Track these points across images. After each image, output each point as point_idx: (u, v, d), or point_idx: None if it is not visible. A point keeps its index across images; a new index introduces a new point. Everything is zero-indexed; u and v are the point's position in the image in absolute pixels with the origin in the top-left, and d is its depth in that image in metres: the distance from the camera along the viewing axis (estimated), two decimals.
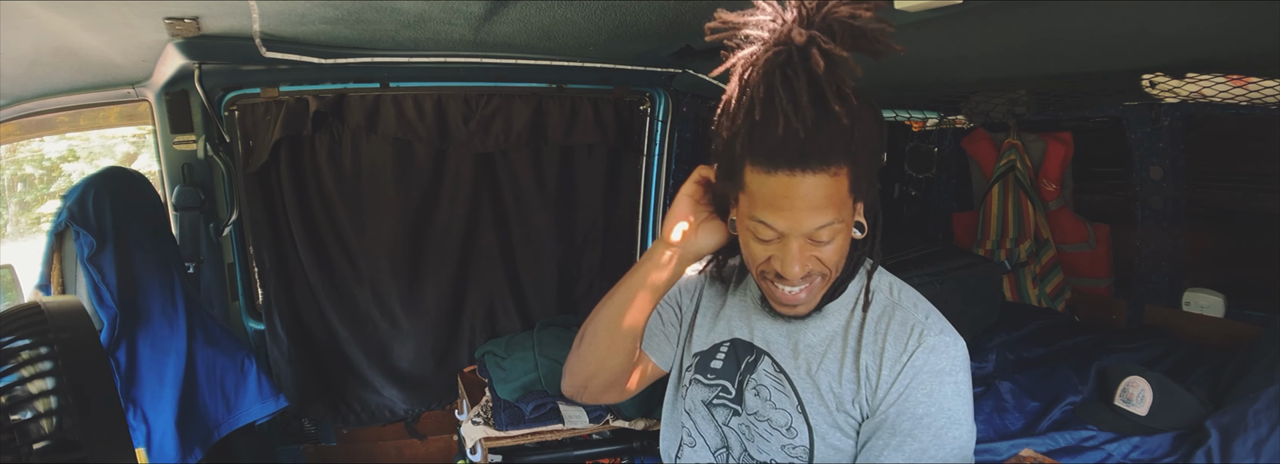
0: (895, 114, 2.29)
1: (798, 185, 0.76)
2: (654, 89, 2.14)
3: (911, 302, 0.93)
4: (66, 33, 1.20)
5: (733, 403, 0.99)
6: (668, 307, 1.08)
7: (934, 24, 1.00)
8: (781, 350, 0.95)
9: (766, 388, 0.95)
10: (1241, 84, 1.24)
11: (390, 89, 1.89)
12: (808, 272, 0.83)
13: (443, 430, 2.28)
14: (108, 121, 1.88)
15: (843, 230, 0.82)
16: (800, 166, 0.75)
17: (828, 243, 0.82)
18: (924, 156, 2.61)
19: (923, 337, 0.87)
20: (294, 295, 2.02)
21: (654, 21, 1.28)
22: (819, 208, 0.78)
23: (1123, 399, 1.41)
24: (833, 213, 0.79)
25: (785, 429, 0.93)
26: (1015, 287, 2.28)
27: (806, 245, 0.82)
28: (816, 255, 0.82)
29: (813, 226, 0.80)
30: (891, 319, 0.90)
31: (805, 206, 0.78)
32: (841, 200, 0.79)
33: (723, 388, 1.00)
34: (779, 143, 0.74)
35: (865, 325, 0.90)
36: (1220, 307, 1.79)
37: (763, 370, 0.96)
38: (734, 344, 1.01)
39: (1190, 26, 0.98)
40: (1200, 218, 1.88)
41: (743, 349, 0.99)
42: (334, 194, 1.98)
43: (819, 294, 0.88)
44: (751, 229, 0.83)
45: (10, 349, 0.65)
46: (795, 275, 0.82)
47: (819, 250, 0.82)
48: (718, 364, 1.01)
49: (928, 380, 0.85)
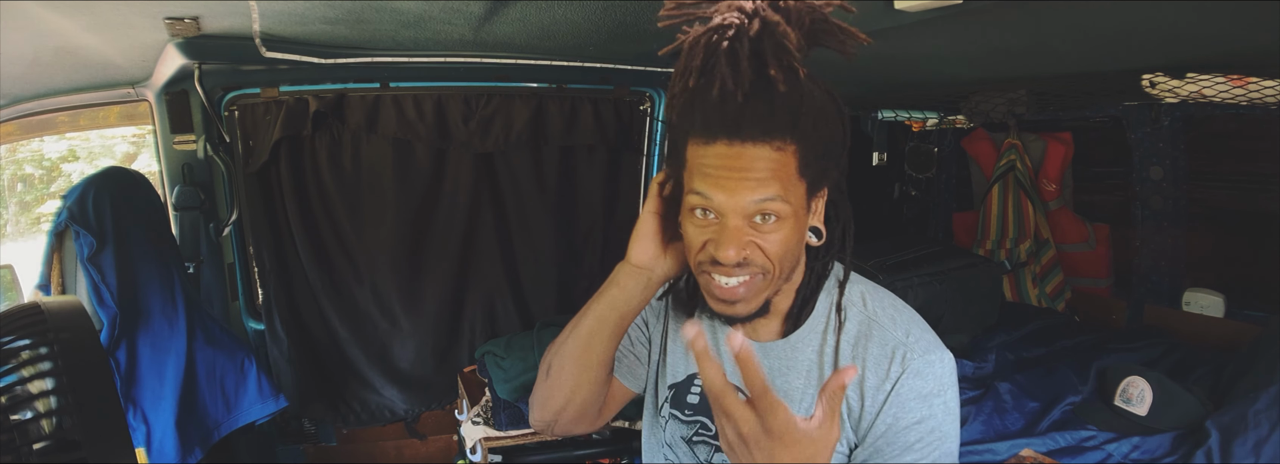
0: (895, 114, 2.29)
1: (736, 156, 0.71)
2: (654, 89, 2.14)
3: (888, 316, 0.84)
4: (66, 33, 1.20)
5: (713, 440, 0.92)
6: (635, 326, 1.00)
7: (934, 24, 1.00)
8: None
9: None
10: (1241, 84, 1.24)
11: (390, 89, 1.89)
12: (744, 258, 0.74)
13: (443, 430, 2.28)
14: (108, 121, 1.88)
15: (790, 219, 0.74)
16: (737, 135, 0.70)
17: (771, 232, 0.74)
18: (924, 156, 2.61)
19: (906, 360, 0.80)
20: (294, 295, 2.02)
21: (654, 21, 1.27)
22: (759, 181, 0.71)
23: (1123, 399, 1.41)
24: (775, 188, 0.72)
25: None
26: (1015, 287, 2.28)
27: (745, 227, 0.74)
28: (757, 242, 0.74)
29: (750, 201, 0.72)
30: (869, 341, 0.82)
31: (742, 178, 0.71)
32: (787, 179, 0.72)
33: (702, 425, 0.93)
34: (715, 109, 0.70)
35: (840, 351, 0.83)
36: (1220, 307, 1.79)
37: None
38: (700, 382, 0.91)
39: (1190, 26, 0.98)
40: (1200, 218, 1.88)
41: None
42: (334, 194, 1.98)
43: (761, 295, 0.79)
44: (690, 207, 0.76)
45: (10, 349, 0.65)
46: (730, 258, 0.73)
47: (760, 237, 0.74)
48: (694, 399, 0.93)
49: (915, 407, 0.79)
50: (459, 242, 2.13)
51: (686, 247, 0.79)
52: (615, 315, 0.87)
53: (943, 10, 0.89)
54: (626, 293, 0.86)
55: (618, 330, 0.88)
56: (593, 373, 0.90)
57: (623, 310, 0.87)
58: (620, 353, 0.99)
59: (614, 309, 0.87)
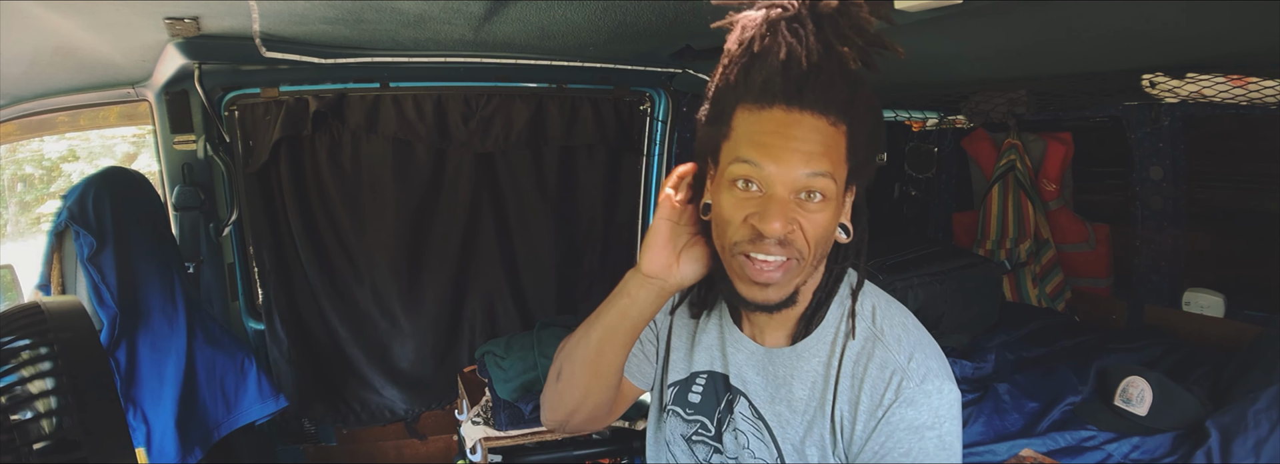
0: (895, 114, 2.29)
1: (794, 123, 0.68)
2: (654, 89, 2.14)
3: (895, 336, 0.80)
4: (66, 33, 1.20)
5: (713, 441, 0.91)
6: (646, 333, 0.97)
7: (934, 24, 1.00)
8: (759, 392, 0.85)
9: (744, 433, 0.86)
10: (1241, 84, 1.24)
11: (390, 89, 1.89)
12: (788, 234, 0.70)
13: (443, 430, 2.28)
14: (108, 121, 1.89)
15: (832, 200, 0.71)
16: (797, 102, 0.67)
17: (815, 211, 0.70)
18: (924, 156, 2.61)
19: (901, 388, 0.76)
20: (294, 295, 2.02)
21: (654, 21, 1.28)
22: (812, 154, 0.68)
23: (1122, 399, 1.41)
24: (827, 164, 0.69)
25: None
26: (1015, 287, 2.28)
27: (791, 204, 0.70)
28: (799, 221, 0.70)
29: (803, 173, 0.68)
30: (870, 360, 0.78)
31: (798, 148, 0.68)
32: (837, 158, 0.70)
33: (702, 424, 0.92)
34: (778, 72, 0.67)
35: (843, 366, 0.80)
36: (1220, 307, 1.78)
37: (740, 413, 0.87)
38: (712, 377, 0.91)
39: (1190, 26, 0.98)
40: (1200, 218, 1.88)
41: (720, 385, 0.90)
42: (334, 194, 1.98)
43: (793, 280, 0.75)
44: (732, 178, 0.71)
45: (10, 349, 0.65)
46: (776, 231, 0.69)
47: (804, 216, 0.70)
48: (696, 397, 0.92)
49: (905, 439, 0.75)
50: (459, 242, 2.13)
51: (721, 227, 0.74)
52: (627, 324, 0.84)
53: (943, 10, 0.89)
54: (638, 303, 0.82)
55: (629, 339, 0.86)
56: (605, 379, 0.89)
57: (634, 320, 0.84)
58: (630, 353, 0.95)
59: (625, 318, 0.83)
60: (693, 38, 1.42)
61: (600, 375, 0.88)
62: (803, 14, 0.65)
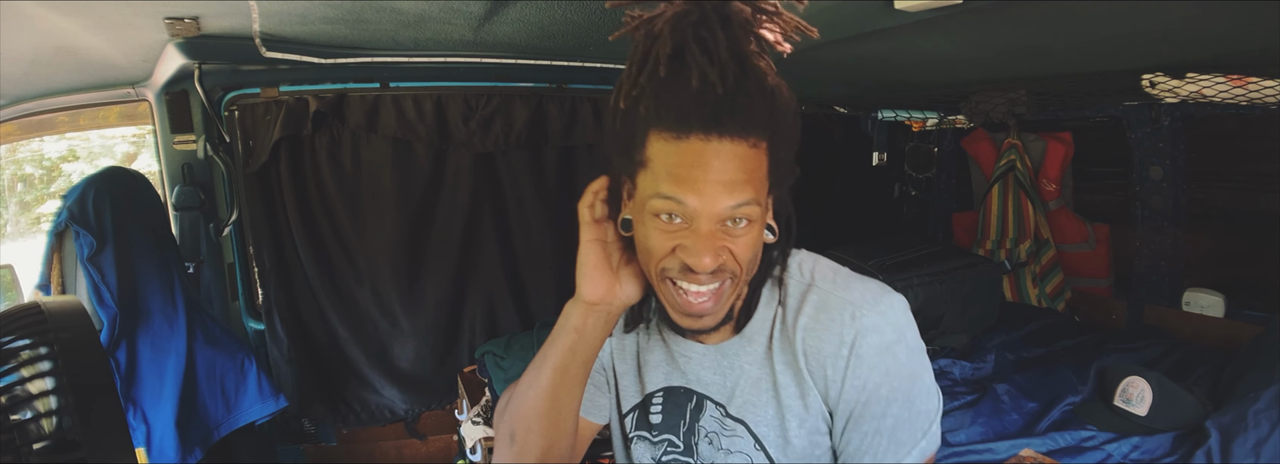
0: (895, 114, 2.29)
1: (713, 153, 0.64)
2: None
3: (827, 279, 0.79)
4: (66, 33, 1.20)
5: (684, 456, 0.88)
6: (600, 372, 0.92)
7: (934, 24, 1.00)
8: (719, 390, 0.84)
9: (717, 435, 0.84)
10: (1241, 84, 1.24)
11: (390, 89, 1.89)
12: (719, 265, 0.68)
13: (443, 430, 2.28)
14: (108, 121, 1.89)
15: (758, 221, 0.69)
16: (716, 130, 0.63)
17: (742, 235, 0.69)
18: (924, 156, 2.61)
19: (856, 317, 0.74)
20: (294, 295, 2.02)
21: None
22: (735, 183, 0.65)
23: (1122, 399, 1.41)
24: (751, 192, 0.66)
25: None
26: (1015, 287, 2.28)
27: (718, 233, 0.68)
28: (729, 247, 0.69)
29: (727, 205, 0.66)
30: (816, 309, 0.77)
31: (720, 179, 0.65)
32: (759, 180, 0.67)
33: (670, 442, 0.89)
34: (692, 100, 0.63)
35: (791, 328, 0.78)
36: (1220, 307, 1.79)
37: (710, 417, 0.85)
38: (668, 393, 0.87)
39: (1190, 26, 0.98)
40: (1200, 218, 1.88)
41: (680, 396, 0.86)
42: (334, 194, 1.98)
43: (727, 302, 0.74)
44: (654, 212, 0.68)
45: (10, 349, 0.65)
46: (706, 266, 0.67)
47: (732, 241, 0.68)
48: (656, 418, 0.88)
49: (880, 361, 0.74)
50: (459, 242, 2.12)
51: (646, 253, 0.71)
52: (578, 361, 0.78)
53: (943, 10, 0.89)
54: (587, 336, 0.77)
55: (583, 377, 0.80)
56: (564, 427, 0.82)
57: (586, 355, 0.78)
58: (590, 397, 0.91)
59: (576, 356, 0.78)
60: None
61: (559, 424, 0.81)
62: (710, 19, 0.62)
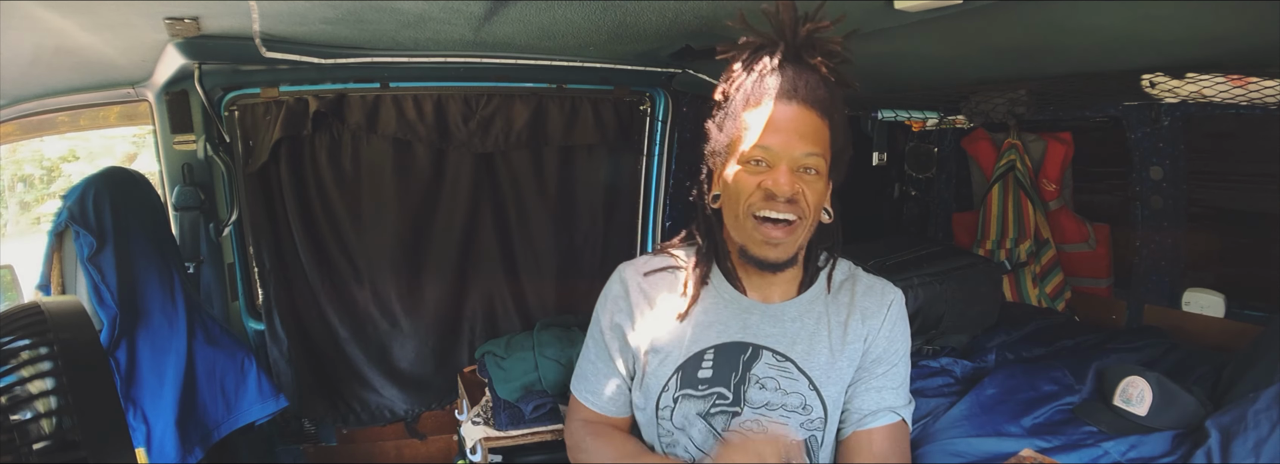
0: (895, 114, 2.28)
1: (789, 111, 0.91)
2: (654, 89, 2.14)
3: (862, 273, 1.12)
4: (66, 33, 1.20)
5: (732, 406, 1.00)
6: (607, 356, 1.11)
7: (934, 24, 1.01)
8: (779, 340, 1.02)
9: (773, 379, 1.01)
10: (1241, 84, 1.24)
11: (390, 89, 1.89)
12: (793, 195, 0.91)
13: (443, 430, 2.28)
14: (108, 121, 1.89)
15: (822, 176, 0.94)
16: (790, 97, 0.91)
17: (813, 180, 0.93)
18: (924, 156, 2.61)
19: (888, 291, 1.09)
20: (294, 295, 2.02)
21: (654, 21, 1.28)
22: (806, 136, 0.91)
23: (1122, 399, 1.41)
24: (818, 146, 0.92)
25: (801, 408, 1.01)
26: (1015, 287, 2.28)
27: (793, 175, 0.92)
28: (803, 188, 0.92)
29: (801, 152, 0.91)
30: (856, 284, 1.09)
31: (795, 129, 0.91)
32: (824, 144, 0.93)
33: (719, 395, 1.00)
34: (773, 80, 0.92)
35: (839, 297, 1.07)
36: (1220, 307, 1.78)
37: (764, 364, 1.01)
38: (720, 349, 1.01)
39: (1190, 26, 0.98)
40: (1200, 218, 1.88)
41: (733, 351, 1.01)
42: (334, 194, 1.98)
43: (796, 242, 0.97)
44: (743, 160, 0.94)
45: (10, 349, 0.65)
46: (785, 191, 0.90)
47: (805, 183, 0.92)
48: (707, 373, 1.01)
49: (900, 323, 1.08)
50: (459, 241, 2.13)
51: (734, 196, 0.95)
52: None
53: (943, 10, 0.90)
54: None
55: None
56: None
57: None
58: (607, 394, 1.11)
59: None
60: (693, 38, 1.42)
61: None
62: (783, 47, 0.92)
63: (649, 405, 1.05)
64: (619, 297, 1.09)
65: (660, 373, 1.03)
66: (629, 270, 1.12)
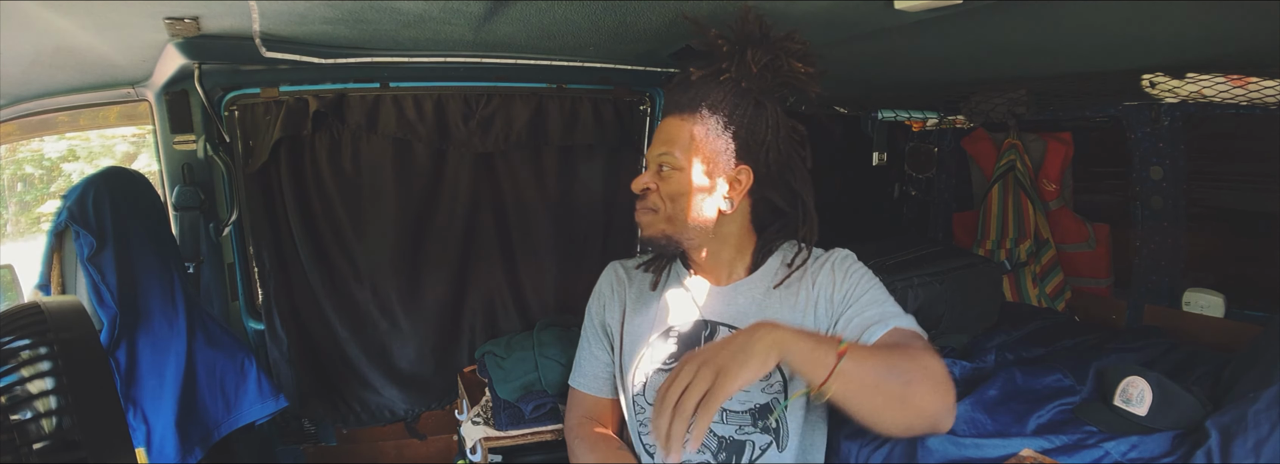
0: (895, 114, 2.29)
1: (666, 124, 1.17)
2: (654, 89, 2.14)
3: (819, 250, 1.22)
4: (66, 33, 1.20)
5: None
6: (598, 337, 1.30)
7: (934, 24, 1.01)
8: (733, 316, 1.16)
9: None
10: (1241, 84, 1.24)
11: (390, 89, 1.89)
12: (644, 189, 1.16)
13: (443, 430, 2.28)
14: (108, 121, 1.88)
15: (685, 170, 1.13)
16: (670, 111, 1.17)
17: (669, 174, 1.14)
18: (924, 156, 2.61)
19: (832, 253, 1.21)
20: (294, 295, 2.02)
21: (654, 21, 1.28)
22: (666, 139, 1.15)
23: (1122, 399, 1.41)
24: (672, 145, 1.14)
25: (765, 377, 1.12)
26: (1015, 287, 2.28)
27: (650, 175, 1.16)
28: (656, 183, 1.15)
29: (657, 152, 1.15)
30: (805, 260, 1.20)
31: (660, 137, 1.16)
32: (681, 142, 1.13)
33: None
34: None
35: (790, 275, 1.17)
36: (1220, 307, 1.78)
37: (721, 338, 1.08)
38: (681, 328, 1.19)
39: (1190, 26, 0.98)
40: (1200, 218, 1.88)
41: (694, 328, 1.18)
42: (334, 194, 1.98)
43: (657, 225, 1.16)
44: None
45: (10, 349, 0.65)
46: (636, 186, 1.17)
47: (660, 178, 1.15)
48: (671, 348, 1.18)
49: (856, 271, 1.18)
50: (459, 242, 2.12)
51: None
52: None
53: (943, 10, 0.90)
54: None
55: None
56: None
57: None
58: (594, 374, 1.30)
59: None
60: (693, 38, 1.42)
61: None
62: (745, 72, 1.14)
63: (625, 385, 1.22)
64: (606, 290, 1.31)
65: (633, 351, 1.20)
66: (618, 266, 1.34)
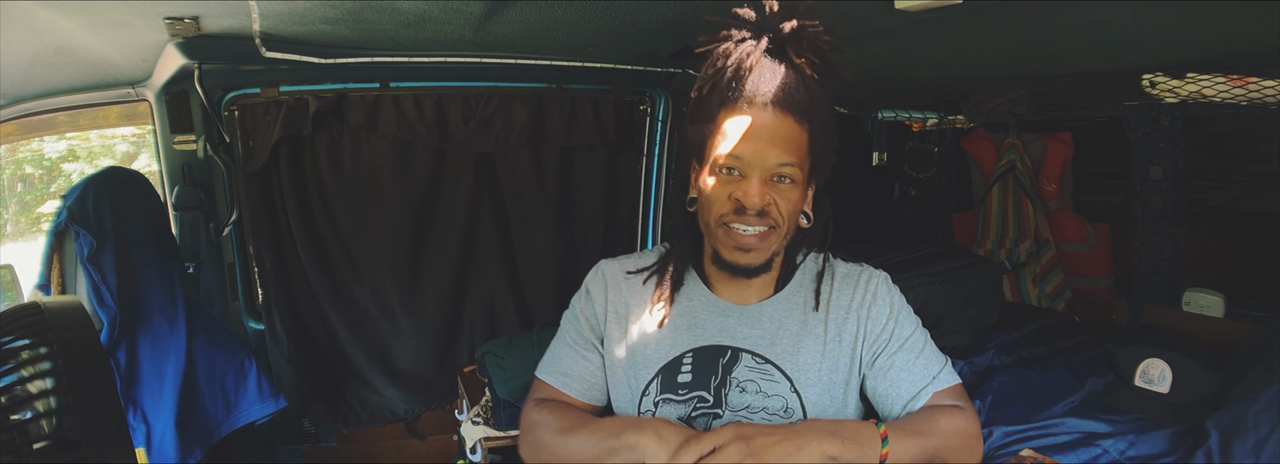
0: (895, 114, 2.29)
1: (765, 118, 0.87)
2: (654, 89, 2.14)
3: (839, 263, 1.07)
4: (66, 33, 1.20)
5: (713, 409, 0.98)
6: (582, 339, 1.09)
7: (934, 24, 1.01)
8: (758, 342, 0.99)
9: (753, 382, 0.98)
10: (1241, 84, 1.24)
11: (390, 89, 1.89)
12: (765, 206, 0.89)
13: (443, 430, 2.28)
14: (108, 121, 1.89)
15: (798, 184, 0.91)
16: (767, 101, 0.86)
17: (787, 189, 0.90)
18: (924, 156, 2.61)
19: (865, 274, 1.05)
20: (294, 295, 2.02)
21: (654, 21, 1.28)
22: (781, 145, 0.87)
23: (1144, 380, 1.43)
24: (793, 156, 0.88)
25: (782, 411, 0.98)
26: (1015, 287, 2.28)
27: (766, 185, 0.89)
28: (774, 197, 0.89)
29: (774, 162, 0.88)
30: (833, 276, 1.04)
31: (770, 137, 0.87)
32: (800, 152, 0.89)
33: (699, 398, 0.98)
34: (751, 80, 0.86)
35: (818, 295, 1.02)
36: (1220, 307, 1.78)
37: (744, 367, 0.98)
38: (698, 353, 0.99)
39: (1190, 26, 0.98)
40: (1200, 218, 1.88)
41: (712, 353, 0.99)
42: (334, 194, 1.98)
43: (770, 249, 0.94)
44: (717, 167, 0.91)
45: (10, 349, 0.65)
46: (755, 204, 0.88)
47: (777, 193, 0.90)
48: (686, 377, 0.99)
49: (896, 300, 1.04)
50: (459, 242, 2.12)
51: (708, 204, 0.93)
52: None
53: (943, 10, 0.89)
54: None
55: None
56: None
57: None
58: (577, 374, 1.08)
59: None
60: (693, 38, 1.41)
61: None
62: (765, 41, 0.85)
63: (629, 410, 1.03)
64: (596, 292, 1.09)
65: (640, 376, 1.01)
66: (610, 266, 1.13)
